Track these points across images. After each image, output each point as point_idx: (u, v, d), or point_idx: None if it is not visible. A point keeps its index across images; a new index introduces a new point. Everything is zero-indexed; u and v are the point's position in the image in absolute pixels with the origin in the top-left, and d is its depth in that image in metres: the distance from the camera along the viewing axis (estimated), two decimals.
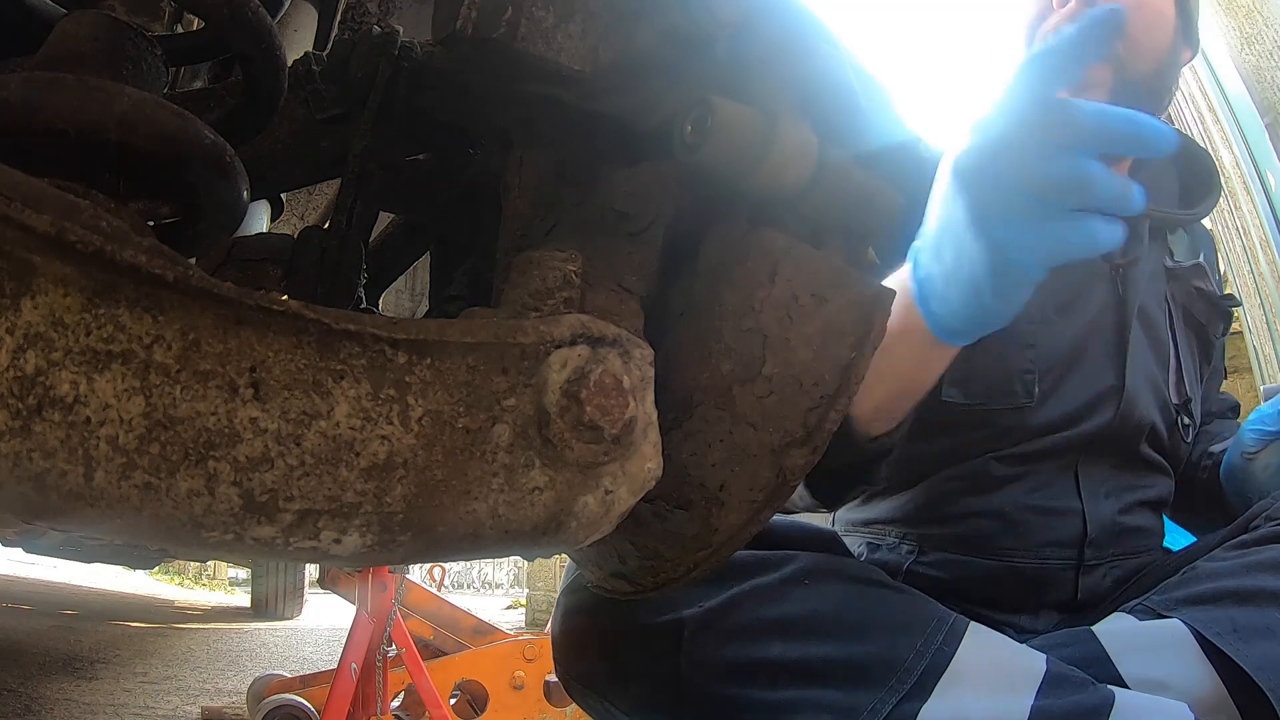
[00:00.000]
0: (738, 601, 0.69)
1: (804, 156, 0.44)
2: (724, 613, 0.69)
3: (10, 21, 0.49)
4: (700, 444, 0.48)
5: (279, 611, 6.20)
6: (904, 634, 0.68)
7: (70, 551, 2.78)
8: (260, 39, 0.45)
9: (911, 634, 0.68)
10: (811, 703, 0.65)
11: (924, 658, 0.66)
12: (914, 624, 0.69)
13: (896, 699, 0.64)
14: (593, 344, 0.38)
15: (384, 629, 2.04)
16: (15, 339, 0.27)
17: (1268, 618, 0.68)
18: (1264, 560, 0.73)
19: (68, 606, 5.41)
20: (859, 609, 0.69)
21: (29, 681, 2.71)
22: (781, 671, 0.66)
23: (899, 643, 0.67)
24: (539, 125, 0.52)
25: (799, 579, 0.70)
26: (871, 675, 0.65)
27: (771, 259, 0.46)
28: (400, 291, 1.73)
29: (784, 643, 0.67)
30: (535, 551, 0.40)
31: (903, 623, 0.69)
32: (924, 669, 0.65)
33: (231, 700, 2.74)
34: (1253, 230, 3.39)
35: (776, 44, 0.45)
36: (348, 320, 0.33)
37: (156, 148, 0.37)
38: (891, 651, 0.66)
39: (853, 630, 0.68)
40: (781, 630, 0.68)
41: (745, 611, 0.69)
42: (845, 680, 0.65)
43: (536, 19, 0.42)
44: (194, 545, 0.31)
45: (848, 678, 0.65)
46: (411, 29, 0.58)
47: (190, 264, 0.30)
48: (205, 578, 10.53)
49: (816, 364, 0.46)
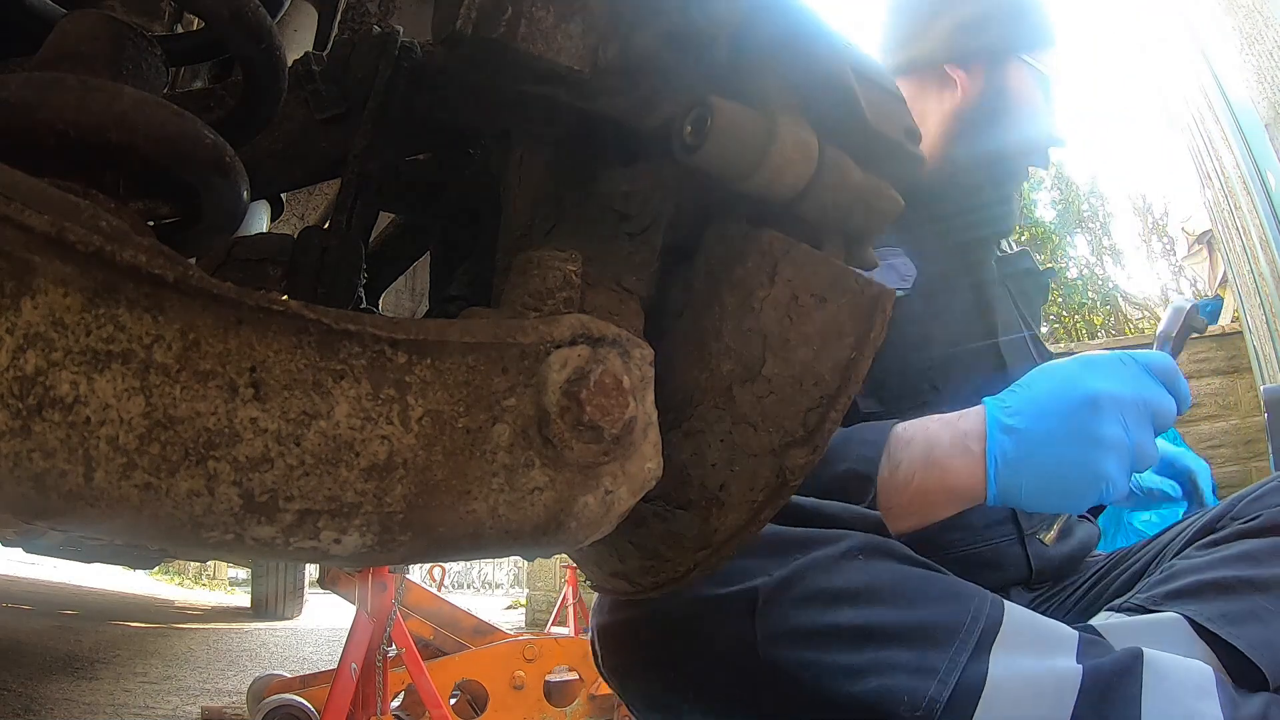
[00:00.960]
0: (802, 573, 0.72)
1: (804, 157, 0.44)
2: (791, 582, 0.72)
3: (10, 21, 0.49)
4: (700, 444, 0.48)
5: (279, 611, 6.21)
6: (955, 602, 0.72)
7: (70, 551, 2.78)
8: (260, 39, 0.45)
9: (961, 602, 0.72)
10: (887, 663, 0.68)
11: (979, 621, 0.70)
12: (961, 595, 0.73)
13: (965, 656, 0.68)
14: (593, 344, 0.38)
15: (384, 629, 2.04)
16: (15, 339, 0.27)
17: (1251, 603, 0.74)
18: (1238, 554, 0.80)
19: (68, 606, 5.41)
20: (911, 582, 0.73)
21: (29, 681, 2.71)
22: (854, 635, 0.70)
23: (953, 609, 0.71)
24: (539, 125, 0.52)
25: (853, 554, 0.73)
26: (937, 637, 0.69)
27: (771, 259, 0.46)
28: (400, 291, 1.73)
29: (852, 609, 0.71)
30: (535, 551, 0.40)
31: (951, 594, 0.73)
32: (981, 631, 0.69)
33: (231, 700, 2.74)
34: (1253, 230, 3.39)
35: (776, 44, 0.45)
36: (348, 320, 0.33)
37: (156, 148, 0.37)
38: (949, 617, 0.70)
39: (910, 599, 0.72)
40: (848, 599, 0.71)
41: (810, 582, 0.72)
42: (914, 642, 0.69)
43: (536, 19, 0.42)
44: (194, 545, 0.31)
45: (916, 639, 0.69)
46: (411, 29, 0.58)
47: (190, 264, 0.30)
48: (205, 578, 10.53)
49: (816, 364, 0.46)
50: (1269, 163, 3.15)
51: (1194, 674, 0.68)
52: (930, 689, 0.66)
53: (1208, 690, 0.66)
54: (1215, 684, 0.67)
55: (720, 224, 0.49)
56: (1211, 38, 3.54)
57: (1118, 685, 0.66)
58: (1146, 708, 0.65)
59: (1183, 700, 0.65)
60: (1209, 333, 4.25)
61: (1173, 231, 7.25)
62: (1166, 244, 7.50)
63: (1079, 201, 7.95)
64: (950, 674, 0.67)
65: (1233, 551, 0.81)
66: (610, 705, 2.59)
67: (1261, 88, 3.06)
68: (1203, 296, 6.06)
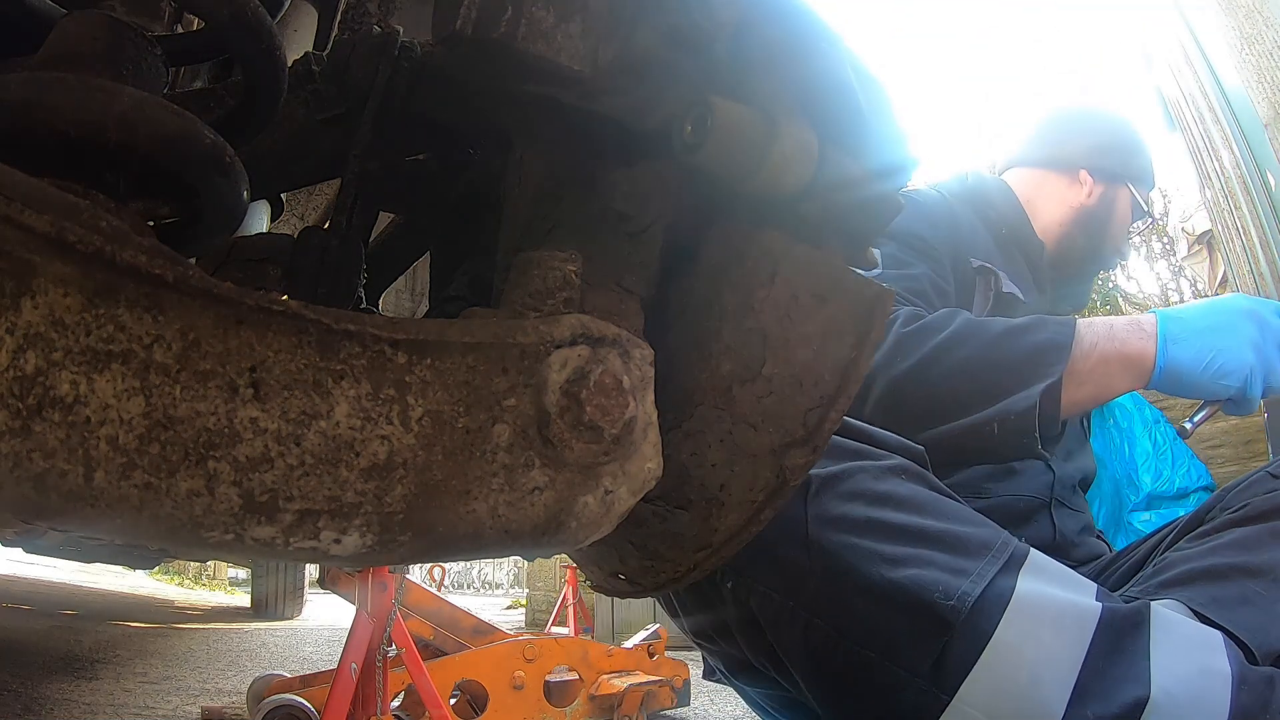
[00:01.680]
0: (851, 473, 0.78)
1: (804, 157, 0.44)
2: (842, 478, 0.77)
3: (10, 21, 0.49)
4: (700, 444, 0.48)
5: (279, 611, 6.21)
6: (987, 528, 0.78)
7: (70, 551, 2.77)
8: (260, 39, 0.45)
9: (993, 530, 0.78)
10: (925, 559, 0.73)
11: (1008, 546, 0.75)
12: (992, 525, 0.79)
13: (995, 569, 0.72)
14: (593, 344, 0.38)
15: (384, 629, 2.04)
16: (15, 339, 0.27)
17: (1242, 588, 0.78)
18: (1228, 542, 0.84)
19: (68, 606, 5.41)
20: (948, 504, 0.80)
21: (29, 681, 2.71)
22: (897, 531, 0.75)
23: (986, 532, 0.77)
24: (539, 125, 0.52)
25: (898, 471, 0.80)
26: (971, 548, 0.74)
27: (771, 259, 0.46)
28: (400, 291, 1.73)
29: (895, 512, 0.76)
30: (535, 551, 0.40)
31: (984, 522, 0.79)
32: (1010, 554, 0.74)
33: (231, 700, 2.74)
34: (1253, 230, 3.39)
35: (776, 44, 0.45)
36: (348, 320, 0.33)
37: (156, 148, 0.37)
38: (983, 535, 0.76)
39: (948, 516, 0.78)
40: (892, 502, 0.77)
41: (858, 481, 0.77)
42: (951, 547, 0.74)
43: (536, 19, 0.42)
44: (194, 545, 0.31)
45: (953, 545, 0.74)
46: (411, 29, 0.58)
47: (190, 264, 0.30)
48: (205, 578, 10.53)
49: (816, 364, 0.46)
50: (1269, 163, 3.15)
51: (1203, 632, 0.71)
52: (963, 585, 0.70)
53: (1217, 648, 0.69)
54: (1224, 644, 0.69)
55: (720, 224, 0.49)
56: (1211, 37, 3.54)
57: (1130, 631, 0.70)
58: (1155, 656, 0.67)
59: (1192, 654, 0.68)
60: None
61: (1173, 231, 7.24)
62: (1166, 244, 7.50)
63: None
64: (981, 579, 0.71)
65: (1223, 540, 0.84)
66: (610, 705, 2.59)
67: (1261, 88, 3.06)
68: (1202, 297, 6.06)
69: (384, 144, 0.57)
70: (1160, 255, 7.46)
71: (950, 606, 0.69)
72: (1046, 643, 0.68)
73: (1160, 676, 0.66)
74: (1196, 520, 0.93)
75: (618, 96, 0.46)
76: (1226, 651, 0.68)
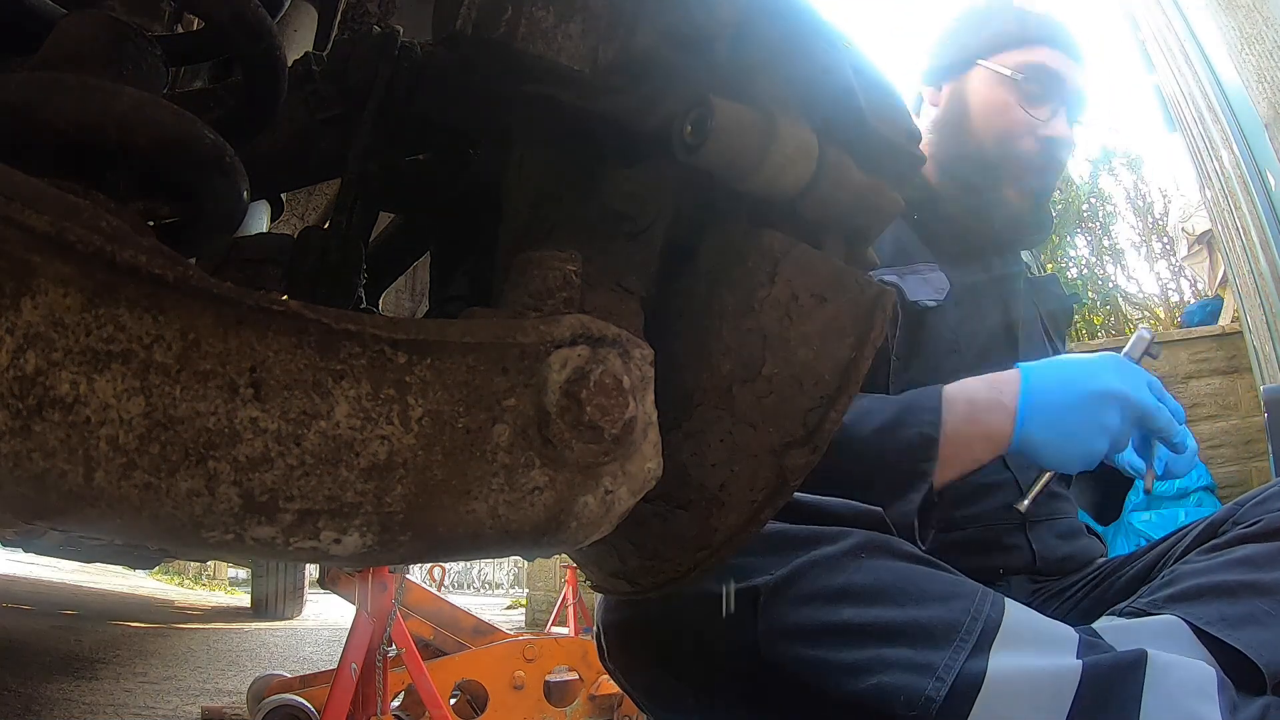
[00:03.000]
0: (804, 570, 0.74)
1: (804, 157, 0.44)
2: (793, 580, 0.73)
3: (10, 21, 0.49)
4: (700, 444, 0.48)
5: (279, 611, 6.20)
6: (956, 600, 0.74)
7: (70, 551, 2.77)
8: (260, 39, 0.45)
9: (963, 600, 0.74)
10: (888, 661, 0.70)
11: (978, 620, 0.72)
12: (962, 593, 0.75)
13: (964, 655, 0.69)
14: (593, 344, 0.38)
15: (384, 629, 2.04)
16: (15, 339, 0.27)
17: (1251, 607, 0.76)
18: (1239, 558, 0.82)
19: (68, 606, 5.41)
20: (914, 580, 0.76)
21: (29, 681, 2.71)
22: (855, 632, 0.71)
23: (955, 607, 0.73)
24: (539, 125, 0.52)
25: (856, 553, 0.75)
26: (936, 635, 0.71)
27: (771, 259, 0.46)
28: (400, 291, 1.73)
29: (853, 608, 0.72)
30: (535, 552, 0.40)
31: (953, 592, 0.75)
32: (981, 630, 0.71)
33: (231, 700, 2.74)
34: (1253, 230, 3.39)
35: (777, 44, 0.45)
36: (348, 320, 0.33)
37: (156, 148, 0.37)
38: (950, 615, 0.72)
39: (912, 597, 0.74)
40: (849, 597, 0.73)
41: (812, 580, 0.73)
42: (914, 640, 0.71)
43: (536, 19, 0.42)
44: (194, 545, 0.31)
45: (916, 637, 0.71)
46: (411, 29, 0.58)
47: (190, 264, 0.30)
48: (205, 578, 10.53)
49: (817, 364, 0.46)
50: (1269, 163, 3.14)
51: (1195, 674, 0.68)
52: (928, 687, 0.67)
53: (1208, 692, 0.67)
54: (1216, 685, 0.67)
55: (720, 224, 0.49)
56: (1211, 37, 3.54)
57: (1119, 683, 0.67)
58: (1146, 706, 0.65)
59: (1182, 701, 0.66)
60: (1209, 333, 4.24)
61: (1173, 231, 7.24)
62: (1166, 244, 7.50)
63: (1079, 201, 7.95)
64: (948, 672, 0.68)
65: (1234, 556, 0.82)
66: (610, 705, 2.59)
67: (1261, 88, 3.06)
68: (1202, 296, 6.06)
69: (384, 144, 0.57)
70: (1160, 255, 7.46)
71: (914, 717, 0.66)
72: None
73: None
74: (1209, 533, 0.91)
75: (618, 96, 0.46)
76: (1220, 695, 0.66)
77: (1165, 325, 6.32)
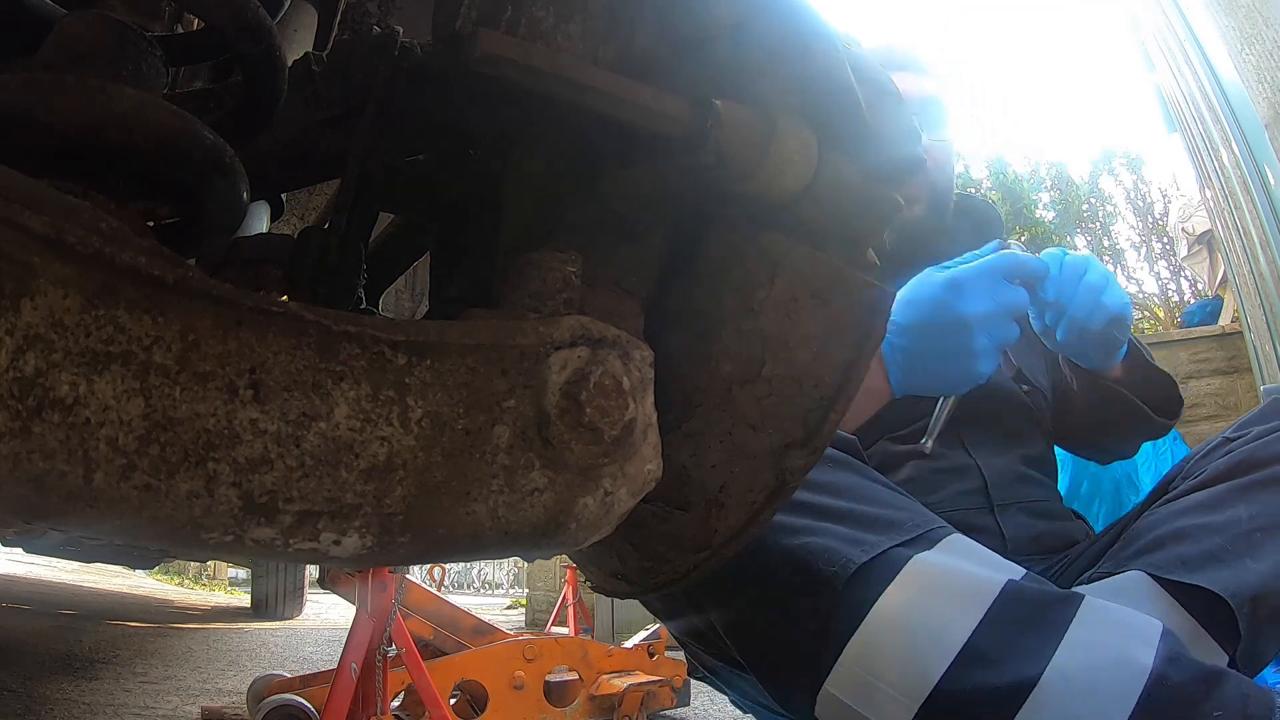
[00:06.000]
0: None
1: (803, 158, 0.44)
2: None
3: (10, 21, 0.49)
4: (700, 445, 0.48)
5: (279, 611, 6.20)
6: (910, 512, 0.77)
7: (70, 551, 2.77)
8: (260, 39, 0.45)
9: (914, 514, 0.77)
10: (824, 530, 0.73)
11: (922, 528, 0.75)
12: (918, 510, 0.79)
13: (893, 543, 0.72)
14: (592, 345, 0.38)
15: (384, 629, 2.04)
16: (15, 340, 0.27)
17: (1209, 545, 0.78)
18: (1189, 505, 0.85)
19: (68, 606, 5.41)
20: (872, 489, 0.79)
21: (29, 681, 2.71)
22: (804, 507, 0.75)
23: (904, 515, 0.76)
24: (539, 125, 0.52)
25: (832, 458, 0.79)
26: (878, 525, 0.74)
27: (771, 260, 0.46)
28: (400, 291, 1.73)
29: (810, 492, 0.76)
30: (535, 553, 0.40)
31: (909, 507, 0.79)
32: (921, 534, 0.74)
33: (231, 700, 2.74)
34: (1253, 230, 3.39)
35: (776, 45, 0.45)
36: (347, 321, 0.33)
37: (156, 148, 0.37)
38: (896, 516, 0.76)
39: (865, 499, 0.77)
40: (810, 485, 0.75)
41: None
42: (855, 523, 0.74)
43: (536, 19, 0.42)
44: (194, 546, 0.31)
45: (857, 522, 0.74)
46: (411, 29, 0.58)
47: (190, 265, 0.30)
48: (205, 578, 10.53)
49: (816, 365, 0.46)
50: (1269, 162, 3.14)
51: (1137, 620, 0.69)
52: (852, 554, 0.71)
53: (1149, 637, 0.66)
54: (1160, 636, 0.66)
55: (720, 225, 0.49)
56: (1211, 37, 3.54)
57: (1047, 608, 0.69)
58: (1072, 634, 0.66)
59: (1113, 639, 0.66)
60: (1209, 333, 4.24)
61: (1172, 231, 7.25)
62: (1166, 244, 7.50)
63: (1079, 201, 7.95)
64: (875, 549, 0.71)
65: (1186, 503, 0.85)
66: (610, 705, 2.59)
67: (1261, 88, 3.06)
68: (1202, 296, 6.06)
69: (384, 144, 0.57)
70: (1160, 255, 7.46)
71: (833, 573, 0.70)
72: (935, 609, 0.69)
73: (1063, 659, 0.64)
74: (1161, 490, 0.94)
75: None
76: (1160, 645, 0.65)
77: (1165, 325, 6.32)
